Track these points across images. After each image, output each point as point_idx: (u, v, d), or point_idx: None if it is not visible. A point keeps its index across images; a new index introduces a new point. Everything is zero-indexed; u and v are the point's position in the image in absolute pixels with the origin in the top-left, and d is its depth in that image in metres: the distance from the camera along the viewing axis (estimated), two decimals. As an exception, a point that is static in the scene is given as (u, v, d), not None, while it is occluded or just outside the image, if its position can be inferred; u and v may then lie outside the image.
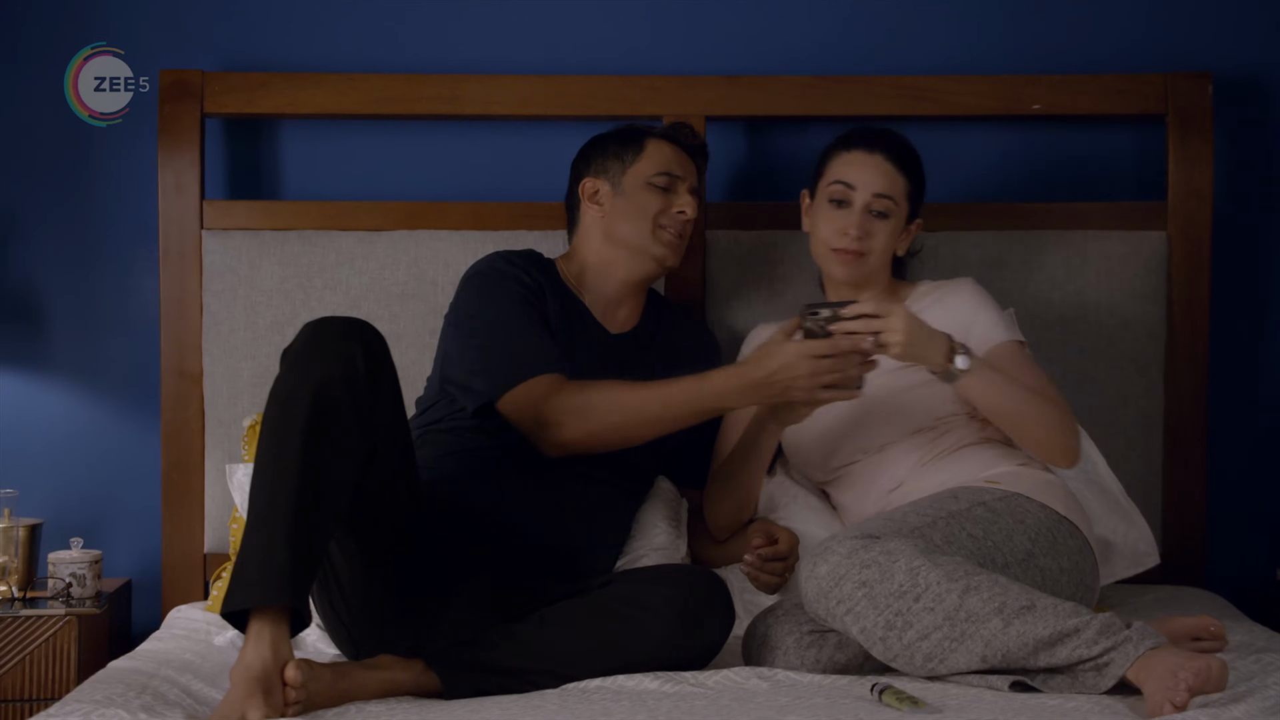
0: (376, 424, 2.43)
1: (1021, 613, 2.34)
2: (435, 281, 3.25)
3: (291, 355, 2.42)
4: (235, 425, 3.23)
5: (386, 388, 2.47)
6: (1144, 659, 2.28)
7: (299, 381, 2.37)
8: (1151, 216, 3.32)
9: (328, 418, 2.35)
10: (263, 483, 2.34)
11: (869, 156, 2.90)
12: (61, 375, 3.36)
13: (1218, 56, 3.39)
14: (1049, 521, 2.66)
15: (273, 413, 2.38)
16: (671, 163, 2.97)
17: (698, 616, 2.52)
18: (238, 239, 3.26)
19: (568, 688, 2.42)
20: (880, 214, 2.88)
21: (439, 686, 2.43)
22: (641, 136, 3.00)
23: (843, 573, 2.43)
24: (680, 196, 2.96)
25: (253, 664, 2.26)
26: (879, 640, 2.41)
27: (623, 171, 2.96)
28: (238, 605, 2.30)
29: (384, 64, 3.36)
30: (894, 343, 2.61)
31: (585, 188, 2.98)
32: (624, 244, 2.94)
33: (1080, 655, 2.31)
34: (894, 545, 2.43)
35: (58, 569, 3.09)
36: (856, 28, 3.42)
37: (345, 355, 2.39)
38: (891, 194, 2.88)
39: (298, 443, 2.33)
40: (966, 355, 2.68)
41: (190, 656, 2.70)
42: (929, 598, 2.37)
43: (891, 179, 2.89)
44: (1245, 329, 3.43)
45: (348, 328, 2.44)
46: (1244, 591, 3.30)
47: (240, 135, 3.40)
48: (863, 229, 2.87)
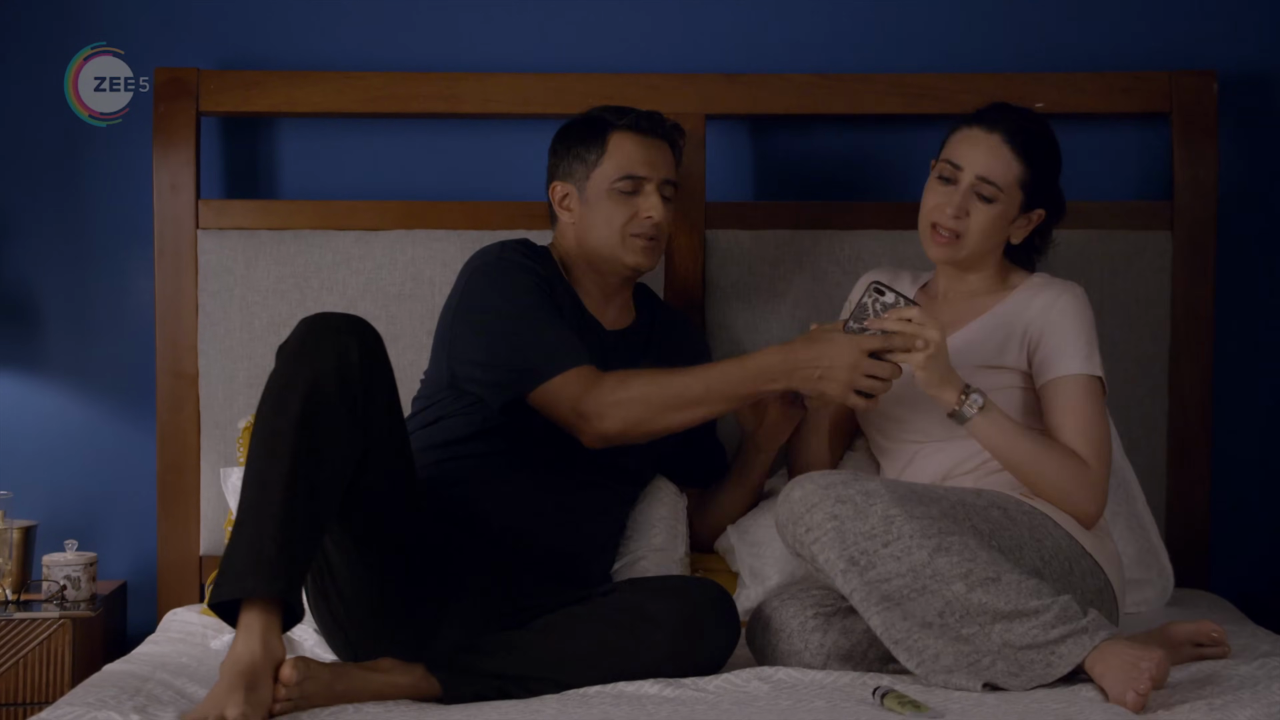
0: (371, 420, 2.42)
1: (986, 583, 2.37)
2: (433, 281, 3.23)
3: (287, 350, 2.42)
4: (231, 427, 3.22)
5: (381, 384, 2.46)
6: (1100, 650, 2.32)
7: (293, 375, 2.37)
8: (1155, 216, 3.31)
9: (321, 411, 2.35)
10: (254, 474, 2.34)
11: (986, 136, 2.77)
12: (56, 376, 3.35)
13: (1223, 54, 3.38)
14: (1070, 552, 2.61)
15: (266, 405, 2.38)
16: (635, 162, 2.86)
17: (702, 630, 2.51)
18: (233, 239, 3.25)
19: (567, 693, 2.42)
20: (985, 198, 2.77)
21: (439, 691, 2.42)
22: (605, 131, 2.88)
23: (815, 500, 2.45)
24: (647, 199, 2.86)
25: (240, 657, 2.25)
26: (840, 573, 2.43)
27: (587, 176, 2.87)
28: (226, 596, 2.29)
29: (381, 62, 3.35)
30: (917, 364, 2.58)
31: (555, 192, 2.92)
32: (595, 252, 2.89)
33: (1035, 638, 2.35)
34: (872, 488, 2.44)
35: (52, 571, 3.08)
36: (858, 26, 3.41)
37: (339, 350, 2.39)
38: (998, 179, 2.75)
39: (290, 435, 2.33)
40: (977, 402, 2.62)
41: (186, 660, 2.69)
42: (898, 547, 2.40)
43: (1004, 163, 2.76)
44: (1250, 330, 3.42)
45: (343, 323, 2.44)
46: (1248, 595, 3.29)
47: (236, 134, 3.39)
48: (960, 208, 2.76)
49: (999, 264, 2.87)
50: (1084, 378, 2.72)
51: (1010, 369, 2.76)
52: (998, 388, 2.73)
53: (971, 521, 2.52)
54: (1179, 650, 2.54)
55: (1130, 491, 3.08)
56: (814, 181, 3.41)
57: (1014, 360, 2.76)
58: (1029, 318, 2.77)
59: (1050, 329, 2.74)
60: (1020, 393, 2.76)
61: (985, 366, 2.75)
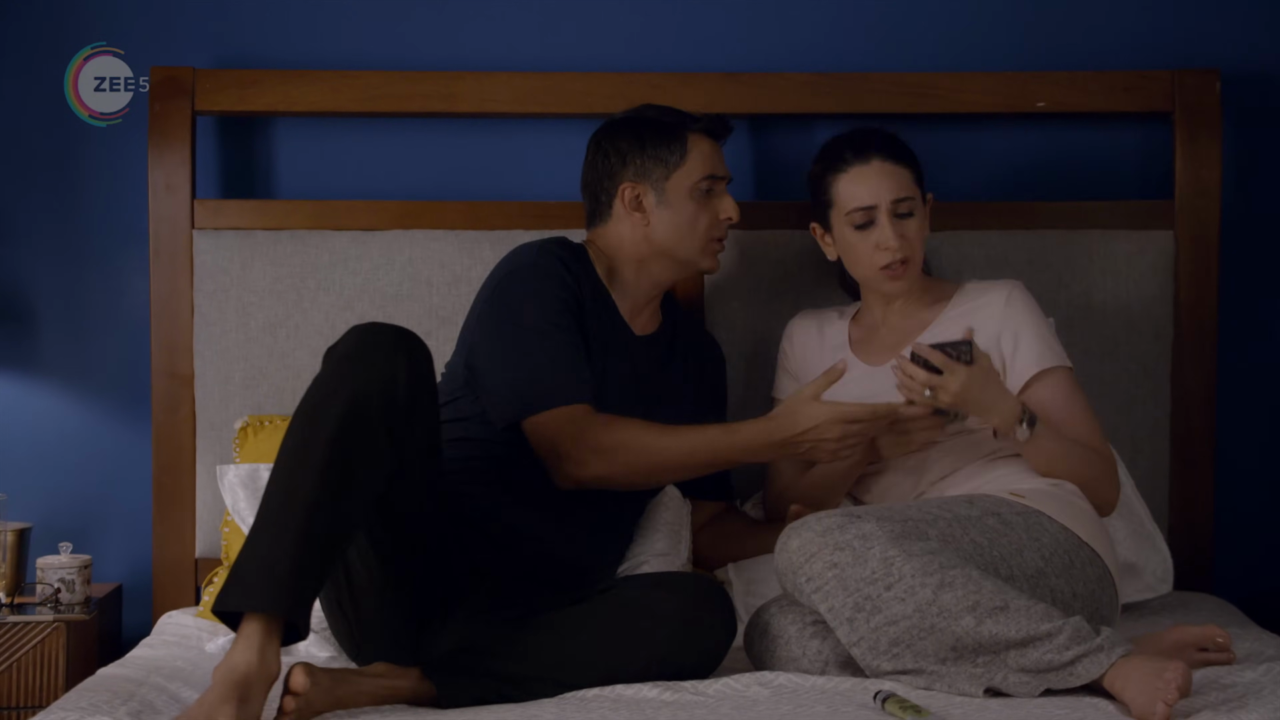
0: (410, 442, 2.39)
1: (995, 612, 2.35)
2: (430, 282, 3.21)
3: (334, 358, 2.38)
4: (227, 428, 3.20)
5: (426, 407, 2.43)
6: (1118, 666, 2.31)
7: (336, 387, 2.33)
8: (1158, 215, 3.30)
9: (359, 430, 2.31)
10: (279, 482, 2.29)
11: (866, 167, 2.84)
12: (50, 377, 3.34)
13: (1226, 52, 3.37)
14: (1068, 544, 2.61)
15: (303, 414, 2.33)
16: (714, 163, 2.89)
17: (700, 624, 2.49)
18: (229, 239, 3.24)
19: (565, 697, 2.40)
20: (906, 214, 2.83)
21: (435, 695, 2.40)
22: (682, 133, 2.88)
23: (814, 550, 2.44)
24: (724, 200, 2.90)
25: (236, 667, 2.22)
26: (845, 621, 2.41)
27: (666, 177, 2.86)
28: (233, 606, 2.26)
29: (378, 61, 3.34)
30: (943, 402, 2.62)
31: (625, 194, 2.88)
32: (669, 255, 2.88)
33: (1050, 661, 2.33)
34: (869, 529, 2.43)
35: (46, 574, 3.06)
36: (859, 24, 3.40)
37: (389, 369, 2.35)
38: (907, 193, 2.84)
39: (322, 449, 2.28)
40: (1029, 428, 2.66)
41: (181, 663, 2.67)
42: (901, 588, 2.38)
43: (898, 178, 2.84)
44: (1255, 331, 3.41)
45: (396, 339, 2.39)
46: (1253, 598, 3.27)
47: (232, 133, 3.37)
48: (899, 237, 2.81)
49: (922, 275, 2.92)
50: (1063, 370, 2.78)
51: None
52: None
53: (970, 535, 2.53)
54: (1184, 655, 2.52)
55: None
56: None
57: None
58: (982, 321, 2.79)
59: (1016, 329, 2.79)
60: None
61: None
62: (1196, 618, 2.89)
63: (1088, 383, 3.18)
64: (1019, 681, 2.36)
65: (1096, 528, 2.69)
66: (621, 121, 2.93)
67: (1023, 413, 2.66)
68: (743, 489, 3.13)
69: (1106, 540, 2.70)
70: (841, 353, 2.93)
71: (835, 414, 2.61)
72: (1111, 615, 2.68)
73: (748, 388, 3.20)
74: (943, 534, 2.50)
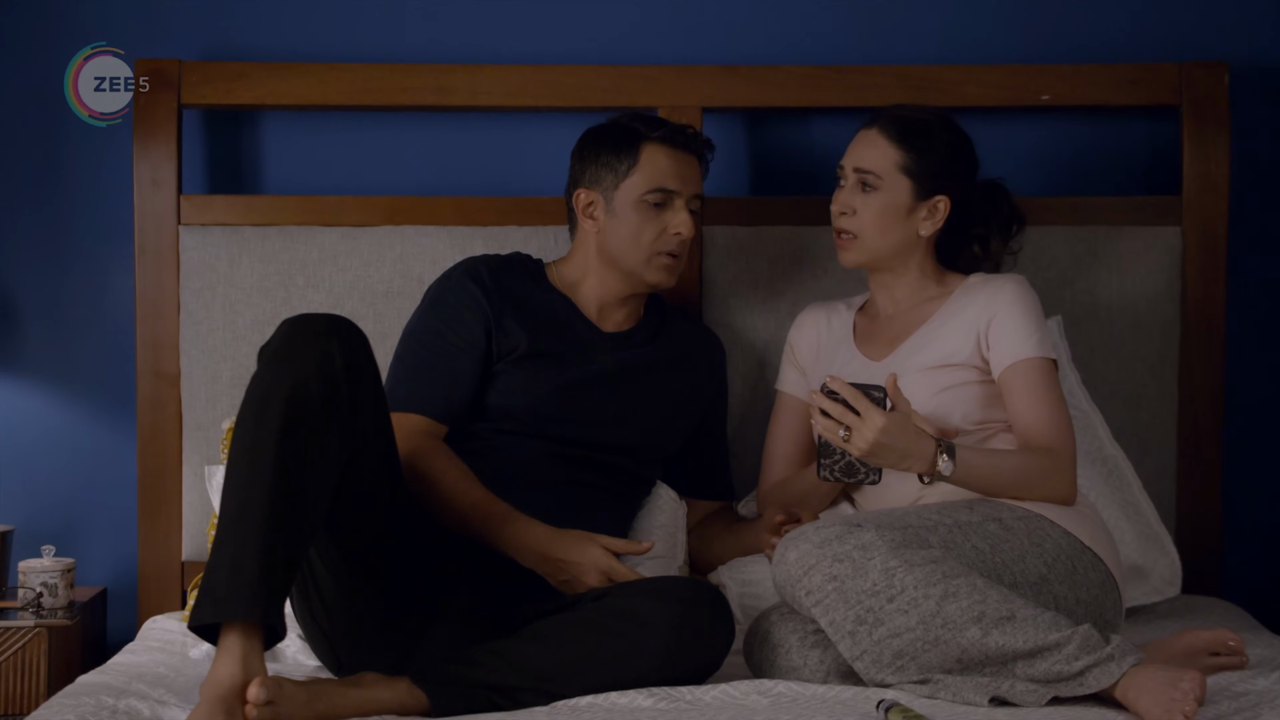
0: (357, 426, 2.40)
1: (1001, 623, 2.33)
2: (421, 279, 3.19)
3: (268, 354, 2.39)
4: (214, 428, 3.18)
5: (367, 387, 2.43)
6: (1130, 676, 2.27)
7: (274, 382, 2.34)
8: (1165, 211, 3.28)
9: (304, 420, 2.32)
10: (234, 488, 2.30)
11: (865, 132, 2.84)
12: (33, 376, 3.31)
13: (1234, 45, 3.35)
14: (1070, 549, 2.58)
15: (247, 414, 2.34)
16: (667, 175, 2.85)
17: (695, 632, 2.46)
18: (216, 235, 3.21)
19: (558, 705, 2.37)
20: (867, 187, 2.79)
21: (426, 705, 2.37)
22: (637, 141, 2.86)
23: (812, 563, 2.40)
24: (676, 215, 2.85)
25: (221, 680, 2.23)
26: (847, 635, 2.38)
27: (615, 185, 2.85)
28: (207, 619, 2.27)
29: (368, 53, 3.32)
30: (857, 448, 2.51)
31: (579, 200, 2.90)
32: (617, 265, 2.88)
33: (1059, 671, 2.30)
34: (869, 539, 2.39)
35: (28, 578, 3.03)
36: (859, 16, 3.38)
37: (322, 354, 2.36)
38: (873, 167, 2.78)
39: (272, 446, 2.29)
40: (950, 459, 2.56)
41: (164, 670, 2.66)
42: (904, 600, 2.35)
43: (878, 150, 2.79)
44: (1263, 328, 3.40)
45: (326, 325, 2.40)
46: (1261, 601, 3.26)
47: (219, 127, 3.35)
48: (845, 204, 2.81)
49: (929, 269, 2.87)
50: (1038, 360, 2.72)
51: (963, 365, 2.75)
52: (952, 385, 2.73)
53: (971, 541, 2.50)
54: (1195, 659, 2.50)
55: (1124, 478, 3.06)
56: (813, 176, 3.36)
57: (968, 356, 2.75)
58: (974, 312, 2.77)
59: (999, 316, 2.74)
60: (977, 387, 2.74)
61: (937, 367, 2.74)
62: (1205, 622, 2.86)
63: (1093, 382, 3.22)
64: (1026, 690, 2.33)
65: (1099, 531, 2.66)
66: (593, 127, 2.94)
67: (938, 447, 2.56)
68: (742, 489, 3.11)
69: (1109, 543, 2.67)
70: (845, 344, 2.90)
71: (600, 560, 2.59)
72: (1115, 620, 2.65)
73: (744, 383, 3.19)
74: (944, 540, 2.48)
